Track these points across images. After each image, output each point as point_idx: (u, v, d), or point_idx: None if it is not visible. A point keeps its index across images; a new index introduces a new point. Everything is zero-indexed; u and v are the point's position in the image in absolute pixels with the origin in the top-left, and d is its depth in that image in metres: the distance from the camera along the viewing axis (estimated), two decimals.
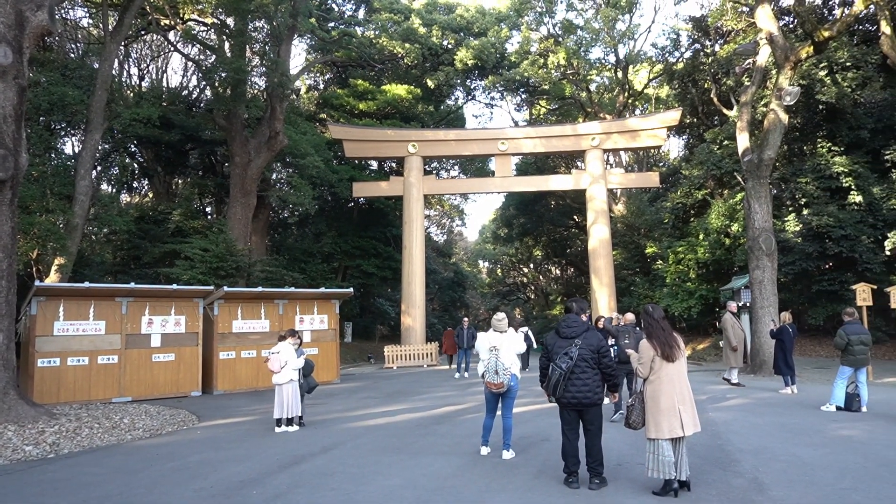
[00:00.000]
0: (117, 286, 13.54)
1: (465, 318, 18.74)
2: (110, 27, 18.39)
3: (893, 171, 21.63)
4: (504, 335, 6.46)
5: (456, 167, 40.62)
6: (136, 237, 23.34)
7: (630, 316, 10.07)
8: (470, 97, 38.63)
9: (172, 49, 27.29)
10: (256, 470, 6.31)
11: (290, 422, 8.75)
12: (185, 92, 29.91)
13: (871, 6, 20.24)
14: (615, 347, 9.28)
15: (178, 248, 20.37)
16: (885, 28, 20.29)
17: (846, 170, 21.02)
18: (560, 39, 32.76)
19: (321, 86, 37.07)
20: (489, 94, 37.69)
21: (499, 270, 58.78)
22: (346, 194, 27.85)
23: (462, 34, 32.93)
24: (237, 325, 14.71)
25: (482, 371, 6.41)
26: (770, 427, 7.99)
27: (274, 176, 29.34)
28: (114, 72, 20.87)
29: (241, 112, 22.32)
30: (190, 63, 28.17)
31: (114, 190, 28.10)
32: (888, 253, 19.43)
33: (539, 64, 31.47)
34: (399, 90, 30.40)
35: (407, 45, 30.66)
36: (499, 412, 6.64)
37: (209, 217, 29.32)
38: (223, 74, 21.59)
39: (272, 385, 8.81)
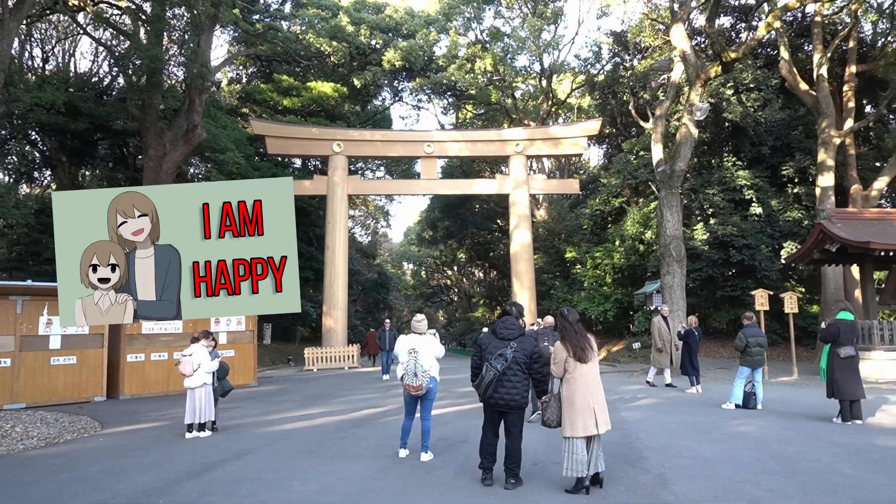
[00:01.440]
0: (11, 283, 12.56)
1: (388, 320, 18.65)
2: (10, 3, 17.06)
3: (789, 185, 23.35)
4: (423, 337, 6.49)
5: (382, 168, 40.43)
6: (35, 231, 21.74)
7: (550, 319, 10.29)
8: (397, 98, 38.61)
9: (81, 32, 25.66)
10: (163, 478, 6.01)
11: (202, 427, 8.40)
12: (95, 78, 28.20)
13: (772, 32, 21.78)
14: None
15: None
16: (784, 53, 21.89)
17: (748, 183, 22.48)
18: (487, 46, 33.28)
19: (244, 79, 35.95)
20: (416, 96, 37.80)
21: (423, 272, 58.96)
22: None
23: (390, 35, 32.84)
24: (147, 326, 13.97)
25: (401, 373, 6.41)
26: (676, 425, 8.41)
27: (191, 171, 28.16)
28: (13, 52, 19.39)
29: (156, 102, 21.26)
30: (101, 48, 26.60)
31: (11, 180, 26.08)
32: (783, 261, 20.91)
33: (466, 69, 31.86)
34: (325, 88, 29.96)
35: (334, 43, 30.25)
36: (418, 414, 6.64)
37: None
38: (138, 62, 20.48)
39: (184, 389, 8.43)
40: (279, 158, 29.33)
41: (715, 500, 4.90)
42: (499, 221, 39.07)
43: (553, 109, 36.82)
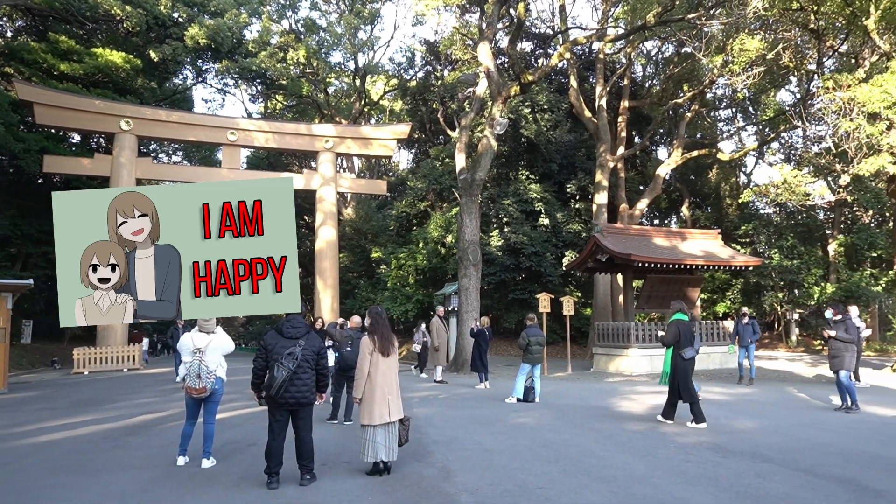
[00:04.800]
0: None
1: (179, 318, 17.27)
2: None
3: (572, 200, 26.11)
4: (211, 336, 6.12)
5: (179, 152, 37.29)
6: None
7: (356, 319, 10.03)
8: (200, 79, 35.88)
9: None
10: None
11: None
12: None
13: (564, 62, 24.20)
14: (338, 354, 9.33)
15: None
16: (573, 82, 24.42)
17: (539, 196, 24.70)
18: (302, 37, 32.44)
19: (8, 33, 30.73)
20: (222, 79, 35.49)
21: None
22: (34, 168, 23.48)
23: (196, 10, 30.38)
24: None
25: (183, 374, 6.00)
26: (463, 419, 8.90)
27: None
28: None
29: None
30: None
31: None
32: (564, 268, 23.30)
33: (278, 57, 30.71)
34: (114, 57, 26.77)
35: (128, 8, 27.15)
36: (201, 418, 6.22)
37: None
38: None
39: None
40: (52, 130, 25.61)
41: (490, 487, 5.26)
42: (305, 218, 38.18)
43: (366, 109, 37.01)
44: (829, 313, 10.49)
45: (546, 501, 4.87)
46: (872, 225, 27.54)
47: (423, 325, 16.60)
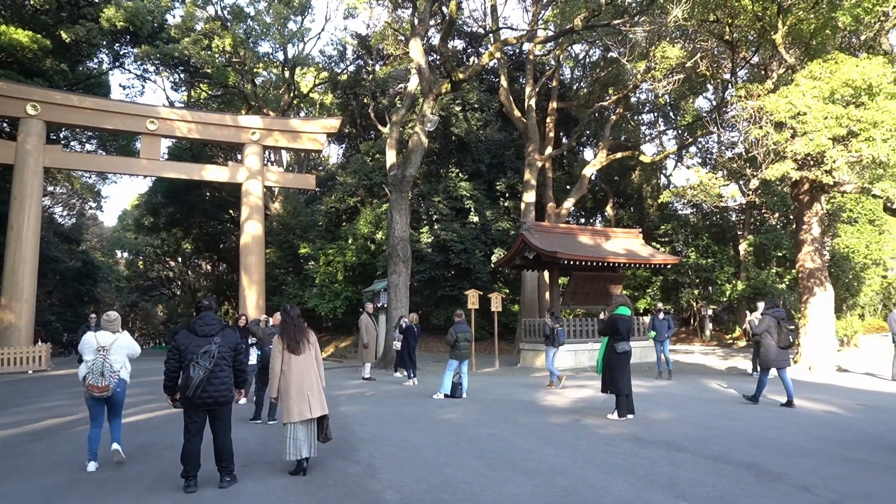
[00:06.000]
0: None
1: (92, 315, 16.36)
2: None
3: (501, 199, 26.48)
4: (116, 335, 5.93)
5: (94, 141, 35.18)
6: None
7: (280, 316, 9.93)
8: (117, 64, 33.93)
9: None
10: None
11: None
12: None
13: (495, 62, 24.50)
14: (260, 352, 9.11)
15: None
16: (504, 82, 24.77)
17: (469, 194, 24.92)
18: (228, 24, 31.35)
19: None
20: (142, 65, 33.65)
21: (141, 263, 53.00)
22: None
23: None
24: None
25: (84, 373, 5.73)
26: (390, 416, 8.86)
27: None
28: None
29: None
30: None
31: None
32: (493, 265, 23.61)
33: (203, 45, 29.57)
34: (20, 36, 24.93)
35: None
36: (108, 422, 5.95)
37: None
38: None
39: None
40: None
41: (416, 483, 5.26)
42: (231, 212, 36.97)
43: (295, 102, 36.19)
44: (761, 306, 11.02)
45: (470, 496, 4.91)
46: (778, 227, 29.37)
47: (403, 324, 15.78)
